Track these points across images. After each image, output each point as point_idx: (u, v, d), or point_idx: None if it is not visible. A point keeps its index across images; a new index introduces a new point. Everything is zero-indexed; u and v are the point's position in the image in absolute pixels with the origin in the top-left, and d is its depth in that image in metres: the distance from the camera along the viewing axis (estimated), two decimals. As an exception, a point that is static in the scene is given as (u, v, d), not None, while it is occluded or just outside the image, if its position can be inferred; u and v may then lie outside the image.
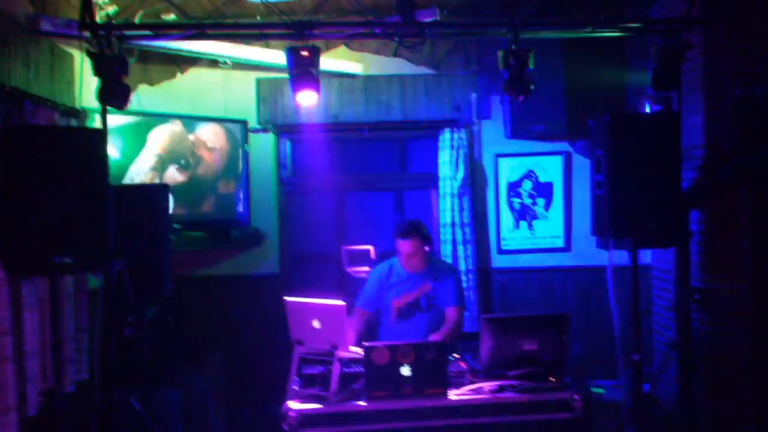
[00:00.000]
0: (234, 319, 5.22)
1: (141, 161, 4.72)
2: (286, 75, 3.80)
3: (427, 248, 4.15)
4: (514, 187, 5.35)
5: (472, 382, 3.46)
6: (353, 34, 4.17)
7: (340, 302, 3.58)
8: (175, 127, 4.86)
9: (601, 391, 3.66)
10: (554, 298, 5.25)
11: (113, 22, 3.95)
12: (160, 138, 4.80)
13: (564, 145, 5.31)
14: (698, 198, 4.34)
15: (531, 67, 3.86)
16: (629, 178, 3.77)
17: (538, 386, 3.39)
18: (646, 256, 5.00)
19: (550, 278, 5.30)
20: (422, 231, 4.14)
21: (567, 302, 5.17)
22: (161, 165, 4.81)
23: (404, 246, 4.09)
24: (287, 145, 5.45)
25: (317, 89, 3.96)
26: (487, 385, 3.41)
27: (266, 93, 5.22)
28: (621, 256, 3.91)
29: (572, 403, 3.34)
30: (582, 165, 5.22)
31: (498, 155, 5.33)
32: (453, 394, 3.34)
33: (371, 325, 4.24)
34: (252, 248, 5.21)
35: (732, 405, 4.28)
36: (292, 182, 5.46)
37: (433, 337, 4.04)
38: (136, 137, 4.72)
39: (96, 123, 4.03)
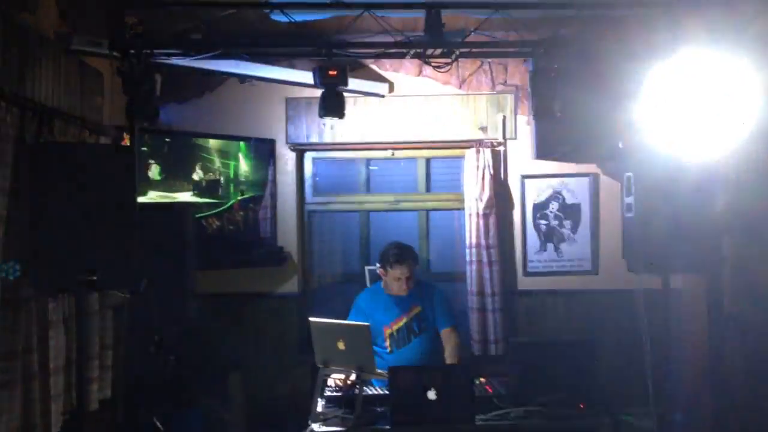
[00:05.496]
0: (257, 338, 5.19)
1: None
2: (313, 93, 3.80)
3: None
4: (540, 209, 5.28)
5: (499, 408, 3.40)
6: (380, 54, 4.17)
7: (364, 323, 3.55)
8: (204, 145, 4.89)
9: (630, 418, 3.57)
10: (581, 321, 5.14)
11: (142, 40, 3.98)
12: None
13: (591, 167, 5.25)
14: (732, 221, 4.24)
15: (557, 88, 3.83)
16: (660, 201, 3.70)
17: (567, 413, 3.32)
18: (677, 279, 4.88)
19: (577, 301, 5.20)
20: (414, 253, 4.14)
21: (595, 326, 5.04)
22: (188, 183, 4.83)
23: (402, 271, 4.04)
24: (312, 164, 5.44)
25: (343, 108, 3.95)
26: (514, 411, 3.34)
27: (294, 112, 5.23)
28: (651, 280, 3.83)
29: (601, 431, 3.26)
30: (610, 186, 5.15)
31: (524, 176, 5.28)
32: (479, 420, 3.28)
33: None
34: (276, 267, 5.19)
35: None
36: (316, 201, 5.44)
37: (448, 362, 3.98)
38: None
39: (125, 141, 4.07)
